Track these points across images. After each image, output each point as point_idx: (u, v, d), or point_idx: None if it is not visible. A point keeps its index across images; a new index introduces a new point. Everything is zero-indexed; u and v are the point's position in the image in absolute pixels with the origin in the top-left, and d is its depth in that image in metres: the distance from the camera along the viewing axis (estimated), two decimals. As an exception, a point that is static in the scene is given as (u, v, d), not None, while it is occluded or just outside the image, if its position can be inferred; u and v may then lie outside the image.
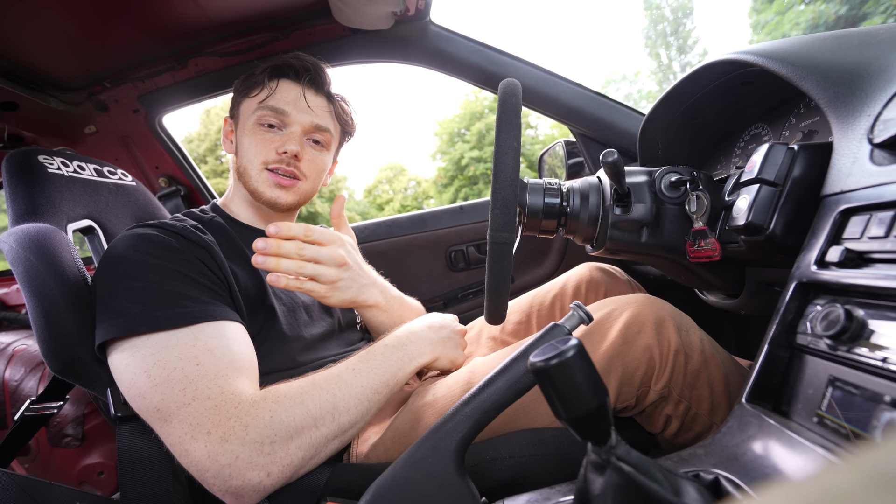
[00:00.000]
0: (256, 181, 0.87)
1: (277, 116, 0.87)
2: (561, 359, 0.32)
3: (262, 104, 0.87)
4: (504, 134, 0.57)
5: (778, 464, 0.39)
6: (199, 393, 0.55)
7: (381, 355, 0.69)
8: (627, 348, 0.64)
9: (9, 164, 0.77)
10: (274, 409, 0.57)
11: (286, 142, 0.86)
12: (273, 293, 0.81)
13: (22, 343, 1.39)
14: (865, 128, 0.47)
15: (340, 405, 0.61)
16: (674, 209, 0.71)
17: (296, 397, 0.59)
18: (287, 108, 0.87)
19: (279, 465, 0.55)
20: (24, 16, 0.95)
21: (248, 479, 0.54)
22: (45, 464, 1.27)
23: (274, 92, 0.87)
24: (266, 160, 0.86)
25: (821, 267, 0.45)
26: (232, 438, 0.54)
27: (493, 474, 0.61)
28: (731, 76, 0.75)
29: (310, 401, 0.59)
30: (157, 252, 0.65)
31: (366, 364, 0.67)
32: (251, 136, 0.87)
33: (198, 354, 0.58)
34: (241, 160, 0.89)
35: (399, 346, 0.72)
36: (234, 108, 0.94)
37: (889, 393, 0.35)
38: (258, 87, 0.88)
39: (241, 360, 0.62)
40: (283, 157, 0.86)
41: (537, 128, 20.57)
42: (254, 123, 0.87)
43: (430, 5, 1.11)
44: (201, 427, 0.54)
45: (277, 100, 0.87)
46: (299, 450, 0.57)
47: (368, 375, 0.66)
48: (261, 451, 0.54)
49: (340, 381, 0.63)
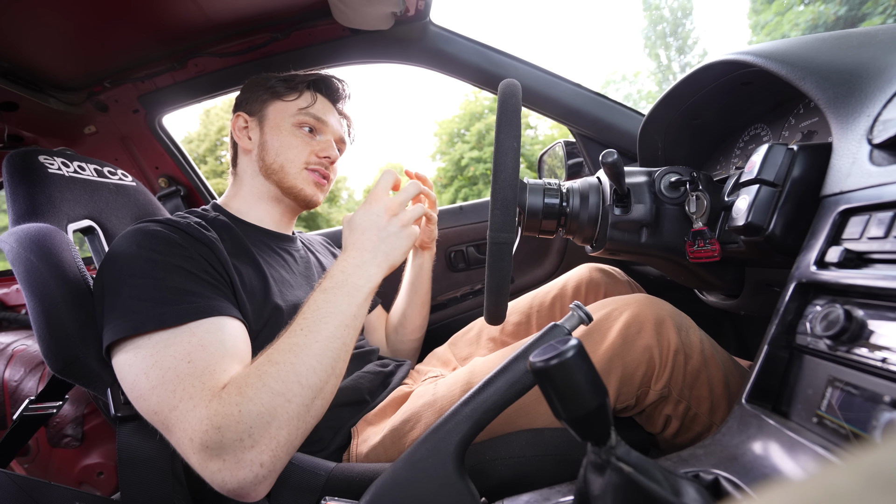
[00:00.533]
0: (296, 178, 0.93)
1: (318, 124, 0.96)
2: (560, 359, 0.32)
3: (304, 110, 0.94)
4: (504, 134, 0.57)
5: (777, 464, 0.39)
6: (185, 393, 0.54)
7: (322, 303, 0.63)
8: (627, 348, 0.64)
9: (9, 165, 0.77)
10: (239, 401, 0.53)
11: (328, 147, 0.95)
12: (278, 291, 0.81)
13: (22, 343, 1.39)
14: (865, 128, 0.47)
15: (302, 370, 0.57)
16: (673, 209, 0.71)
17: (256, 381, 0.55)
18: (328, 118, 0.97)
19: (268, 452, 0.53)
20: (24, 16, 0.95)
21: (243, 478, 0.52)
22: (44, 464, 1.26)
23: (315, 102, 0.96)
24: (308, 161, 0.93)
25: (820, 267, 0.45)
26: (210, 444, 0.52)
27: (492, 474, 0.61)
28: (731, 77, 0.75)
29: (270, 379, 0.55)
30: (161, 248, 0.65)
31: (311, 319, 0.61)
32: (290, 136, 0.93)
33: (191, 351, 0.57)
34: (273, 157, 0.93)
35: (338, 286, 0.65)
36: (259, 106, 0.96)
37: (888, 393, 0.35)
38: (295, 94, 0.95)
39: (232, 353, 0.60)
40: (324, 161, 0.95)
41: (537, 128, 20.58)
42: (292, 125, 0.93)
43: (429, 6, 1.11)
44: (185, 433, 0.53)
45: (318, 109, 0.96)
46: (281, 429, 0.54)
47: (319, 329, 0.61)
48: (242, 447, 0.52)
49: (294, 347, 0.59)
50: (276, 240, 0.94)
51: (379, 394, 0.84)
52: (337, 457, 0.74)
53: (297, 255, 0.97)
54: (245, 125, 0.96)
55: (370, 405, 0.80)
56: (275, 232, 0.96)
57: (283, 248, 0.95)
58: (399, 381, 0.88)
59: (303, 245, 1.04)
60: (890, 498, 0.10)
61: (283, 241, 0.96)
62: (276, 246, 0.93)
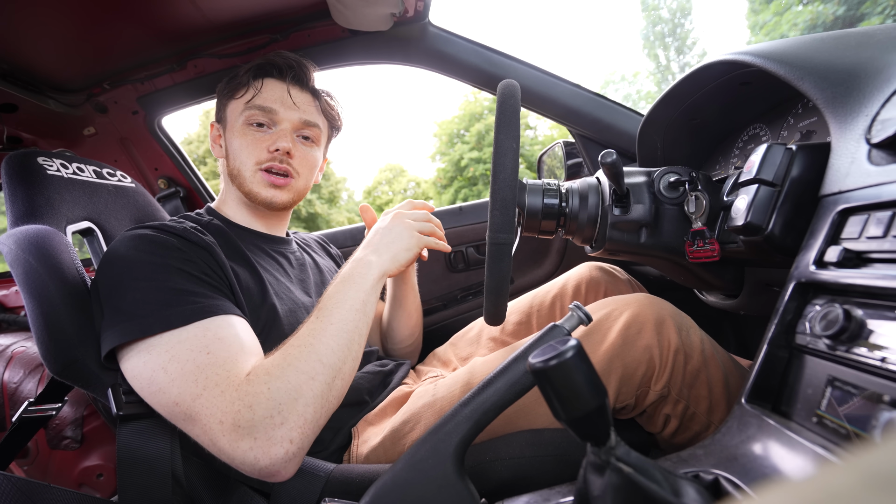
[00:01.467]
0: (251, 182, 0.87)
1: (266, 115, 0.87)
2: (560, 360, 0.32)
3: (249, 104, 0.87)
4: (503, 135, 0.57)
5: (777, 464, 0.39)
6: (209, 381, 0.56)
7: (334, 293, 0.69)
8: (627, 348, 0.64)
9: (8, 166, 0.77)
10: (267, 379, 0.57)
11: (277, 139, 0.86)
12: (275, 293, 0.81)
13: (21, 345, 1.39)
14: (863, 128, 0.47)
15: (321, 349, 0.61)
16: (673, 209, 0.71)
17: (281, 362, 0.59)
18: (274, 105, 0.87)
19: (297, 428, 0.56)
20: (23, 17, 0.94)
21: (275, 455, 0.54)
22: (43, 466, 1.26)
23: (260, 91, 0.87)
24: (259, 160, 0.87)
25: (819, 267, 0.45)
26: (242, 423, 0.54)
27: (492, 475, 0.61)
28: (730, 77, 0.75)
29: (294, 360, 0.59)
30: (160, 251, 0.65)
31: (325, 307, 0.67)
32: (241, 136, 0.87)
33: (208, 344, 0.59)
34: (232, 162, 0.89)
35: (345, 278, 0.71)
36: (220, 112, 0.94)
37: (888, 392, 0.35)
38: (243, 88, 0.89)
39: (249, 347, 0.62)
40: (276, 155, 0.86)
41: (536, 129, 20.58)
42: (242, 124, 0.88)
43: (428, 6, 1.11)
44: (214, 417, 0.54)
45: (264, 98, 0.87)
46: (307, 406, 0.57)
47: (332, 313, 0.66)
48: (273, 423, 0.54)
49: (312, 331, 0.63)
50: (269, 242, 0.94)
51: (379, 394, 0.84)
52: (337, 457, 0.74)
53: (291, 256, 0.97)
54: (218, 133, 0.95)
55: (370, 405, 0.80)
56: (267, 234, 0.95)
57: (277, 250, 0.94)
58: (399, 382, 0.88)
59: (298, 246, 1.04)
60: (889, 498, 0.10)
61: (277, 243, 0.95)
62: (269, 248, 0.92)
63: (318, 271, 1.01)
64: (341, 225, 3.27)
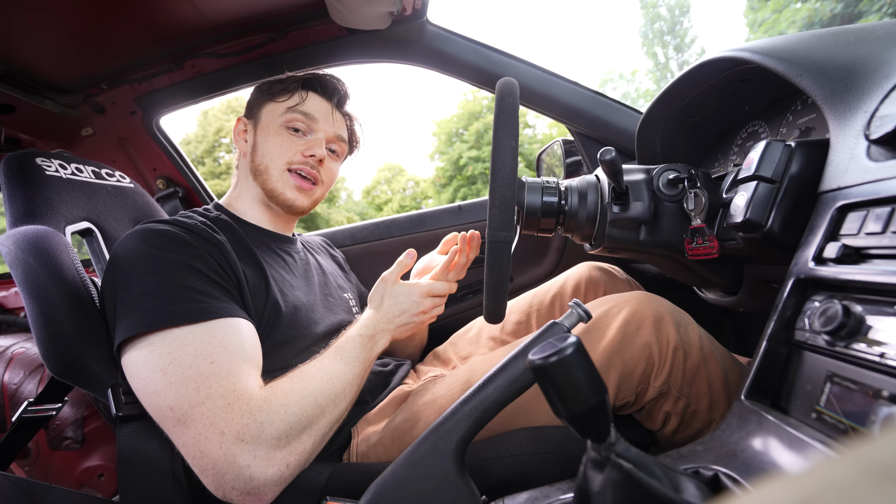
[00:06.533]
0: (277, 181, 0.90)
1: (306, 121, 0.92)
2: (560, 356, 0.32)
3: (293, 108, 0.91)
4: (502, 133, 0.57)
5: (777, 460, 0.39)
6: (212, 391, 0.56)
7: (358, 345, 0.74)
8: (626, 345, 0.64)
9: (6, 167, 0.77)
10: (286, 403, 0.59)
11: (314, 146, 0.91)
12: (279, 291, 0.81)
13: (21, 346, 1.39)
14: (862, 124, 0.47)
15: (339, 392, 0.66)
16: (672, 207, 0.71)
17: (302, 390, 0.62)
18: (317, 115, 0.93)
19: (295, 455, 0.58)
20: (20, 18, 0.94)
21: (270, 476, 0.55)
22: (44, 466, 1.26)
23: (305, 100, 0.93)
24: (290, 161, 0.90)
25: (818, 263, 0.45)
26: (247, 437, 0.54)
27: (493, 472, 0.61)
28: (729, 74, 0.75)
29: (316, 391, 0.63)
30: (171, 247, 0.66)
31: (349, 353, 0.72)
32: (276, 136, 0.90)
33: (213, 352, 0.59)
34: (259, 158, 0.91)
35: (369, 337, 0.76)
36: (254, 109, 0.95)
37: (887, 388, 0.35)
38: (287, 94, 0.92)
39: (252, 357, 0.63)
40: (309, 160, 0.90)
41: (535, 127, 20.57)
42: (280, 125, 0.91)
43: (426, 5, 1.11)
44: (215, 427, 0.54)
45: (308, 107, 0.92)
46: (310, 438, 0.60)
47: (353, 363, 0.71)
48: (278, 446, 0.56)
49: (334, 371, 0.68)
50: (277, 241, 0.94)
51: (379, 393, 0.84)
52: (337, 456, 0.74)
53: (296, 256, 0.97)
54: (244, 128, 0.96)
55: (370, 405, 0.80)
56: (275, 233, 0.95)
57: (283, 249, 0.94)
58: (399, 381, 0.88)
59: (302, 247, 1.04)
60: (886, 489, 0.10)
61: (284, 242, 0.96)
62: (276, 247, 0.92)
63: (322, 272, 1.02)
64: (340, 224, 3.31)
